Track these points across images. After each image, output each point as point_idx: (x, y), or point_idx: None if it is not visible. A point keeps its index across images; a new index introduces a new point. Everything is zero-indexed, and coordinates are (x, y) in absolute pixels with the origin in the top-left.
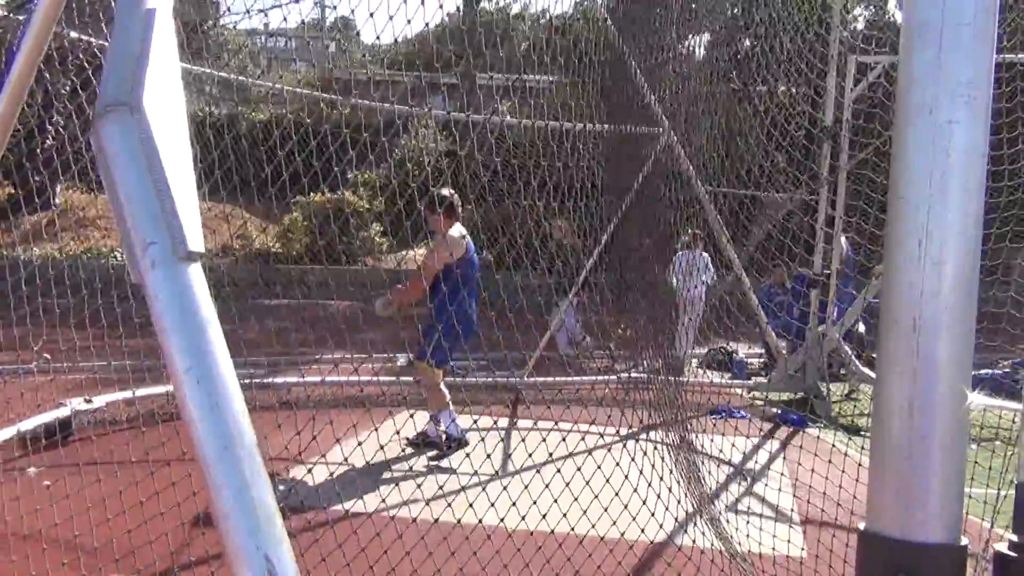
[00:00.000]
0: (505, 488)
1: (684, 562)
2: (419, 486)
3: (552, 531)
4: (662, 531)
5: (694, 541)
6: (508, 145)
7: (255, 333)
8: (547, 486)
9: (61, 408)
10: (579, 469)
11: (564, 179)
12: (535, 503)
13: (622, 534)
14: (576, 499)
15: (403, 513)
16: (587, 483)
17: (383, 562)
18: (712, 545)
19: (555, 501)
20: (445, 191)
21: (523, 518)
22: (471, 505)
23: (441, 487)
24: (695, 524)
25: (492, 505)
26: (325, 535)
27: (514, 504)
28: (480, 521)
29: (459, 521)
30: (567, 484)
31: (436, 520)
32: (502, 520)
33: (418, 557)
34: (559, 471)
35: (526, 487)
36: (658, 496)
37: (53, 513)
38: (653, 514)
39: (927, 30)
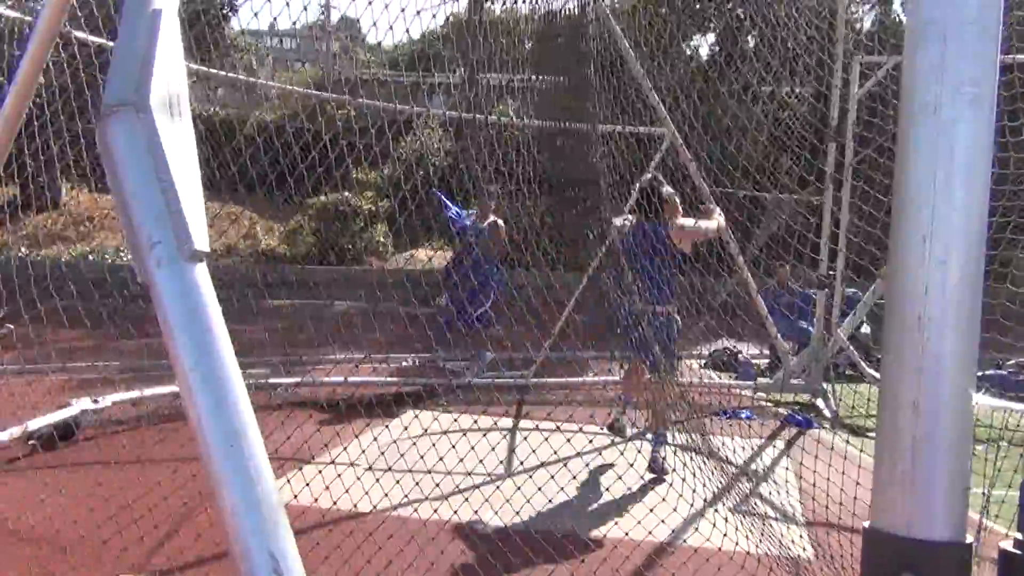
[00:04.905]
0: (513, 488)
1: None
2: (418, 485)
3: (570, 532)
4: (697, 532)
5: (735, 542)
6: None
7: (260, 332)
8: (563, 488)
9: (68, 408)
10: (587, 476)
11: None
12: (552, 502)
13: (649, 532)
14: (585, 499)
15: (406, 512)
16: (592, 481)
17: (387, 561)
18: (759, 547)
19: (598, 502)
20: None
21: (539, 519)
22: (465, 499)
23: (437, 485)
24: (727, 520)
25: (486, 498)
26: (330, 533)
27: (522, 507)
28: (468, 514)
29: (456, 518)
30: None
31: (427, 519)
32: (496, 514)
33: (421, 556)
34: (576, 475)
35: (540, 488)
36: (680, 495)
37: (61, 512)
38: (675, 509)
39: (931, 29)
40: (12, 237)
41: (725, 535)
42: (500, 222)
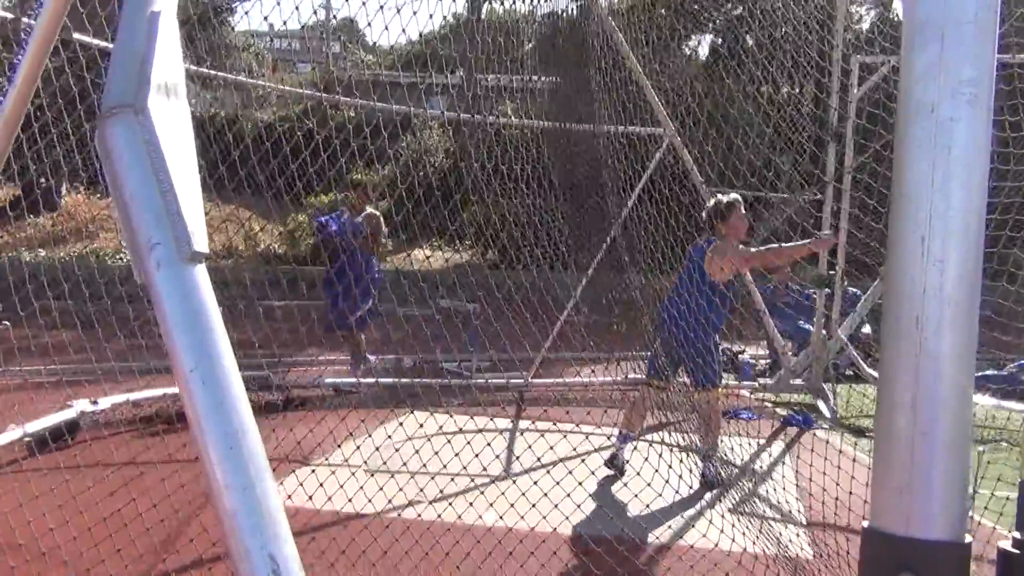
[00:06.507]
0: (515, 490)
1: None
2: (422, 488)
3: (574, 534)
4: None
5: (743, 546)
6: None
7: (259, 333)
8: (571, 487)
9: (67, 410)
10: (590, 474)
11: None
12: (535, 505)
13: (652, 532)
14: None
15: (409, 514)
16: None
17: (388, 563)
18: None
19: (587, 504)
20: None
21: (540, 519)
22: (472, 504)
23: (442, 489)
24: (734, 525)
25: (492, 505)
26: (330, 535)
27: (514, 505)
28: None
29: (461, 519)
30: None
31: (436, 519)
32: (507, 518)
33: (423, 558)
34: (573, 474)
35: (535, 489)
36: (678, 491)
37: (57, 515)
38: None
39: (929, 28)
40: (13, 239)
41: (733, 540)
42: (376, 212)
